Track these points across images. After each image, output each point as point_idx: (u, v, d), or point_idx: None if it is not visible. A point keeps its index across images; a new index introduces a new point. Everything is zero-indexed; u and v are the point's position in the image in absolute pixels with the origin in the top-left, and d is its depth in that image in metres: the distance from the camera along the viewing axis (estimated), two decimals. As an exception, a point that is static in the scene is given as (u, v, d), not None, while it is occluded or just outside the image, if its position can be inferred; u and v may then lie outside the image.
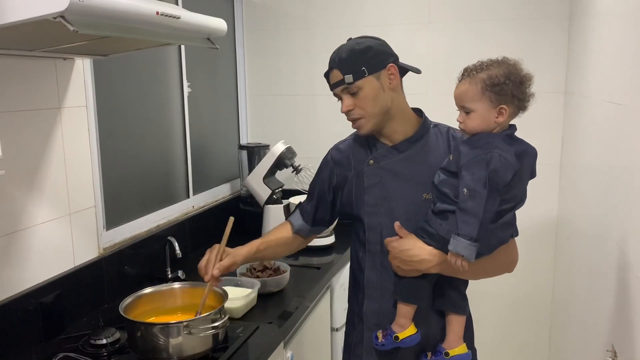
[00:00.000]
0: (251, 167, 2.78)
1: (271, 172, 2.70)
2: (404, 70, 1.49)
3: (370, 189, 1.51)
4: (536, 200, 2.77)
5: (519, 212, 2.57)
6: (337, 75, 1.44)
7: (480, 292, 2.90)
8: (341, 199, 1.60)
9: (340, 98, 1.48)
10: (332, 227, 2.38)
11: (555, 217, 2.78)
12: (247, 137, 3.17)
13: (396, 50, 1.55)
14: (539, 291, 2.86)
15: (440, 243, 1.35)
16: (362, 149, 1.56)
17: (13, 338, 1.58)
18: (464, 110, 1.33)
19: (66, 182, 1.79)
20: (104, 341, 1.63)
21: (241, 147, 2.88)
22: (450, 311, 1.46)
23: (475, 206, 1.24)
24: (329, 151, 1.65)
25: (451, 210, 1.32)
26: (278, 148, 2.68)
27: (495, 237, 1.35)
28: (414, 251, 1.39)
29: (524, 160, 1.30)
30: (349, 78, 1.41)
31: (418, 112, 1.54)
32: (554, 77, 2.69)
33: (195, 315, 1.53)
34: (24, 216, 1.64)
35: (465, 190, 1.26)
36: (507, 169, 1.25)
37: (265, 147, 2.84)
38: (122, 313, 1.52)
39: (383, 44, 1.47)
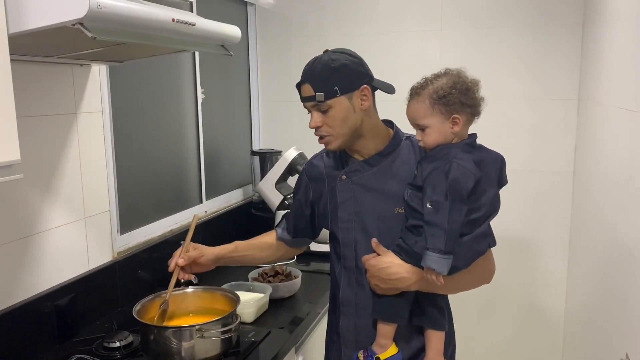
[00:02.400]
0: (263, 173, 2.80)
1: (283, 177, 2.71)
2: (375, 89, 1.46)
3: (343, 204, 1.49)
4: (549, 209, 2.78)
5: (531, 219, 2.56)
6: (308, 89, 1.40)
7: (493, 301, 2.89)
8: (318, 213, 1.59)
9: (310, 112, 1.46)
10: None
11: (568, 224, 2.77)
12: (260, 143, 3.19)
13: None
14: (552, 299, 2.84)
15: (417, 260, 1.32)
16: (335, 164, 1.55)
17: (28, 340, 1.60)
18: (419, 128, 1.35)
19: (81, 186, 1.82)
20: (118, 344, 1.65)
21: (254, 153, 2.90)
22: (429, 327, 1.42)
23: (440, 218, 1.24)
24: (304, 166, 1.66)
25: (422, 225, 1.31)
26: (290, 154, 2.69)
27: (471, 251, 1.34)
28: (392, 269, 1.35)
29: (487, 167, 1.31)
30: (320, 96, 1.38)
31: (389, 123, 1.53)
32: (567, 84, 2.68)
33: (161, 306, 1.58)
34: (40, 220, 1.66)
35: (429, 203, 1.26)
36: (467, 177, 1.25)
37: (278, 153, 2.85)
38: (135, 316, 1.53)
39: (359, 63, 1.43)
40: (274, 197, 2.69)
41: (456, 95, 1.29)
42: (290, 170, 2.71)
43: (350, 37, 2.92)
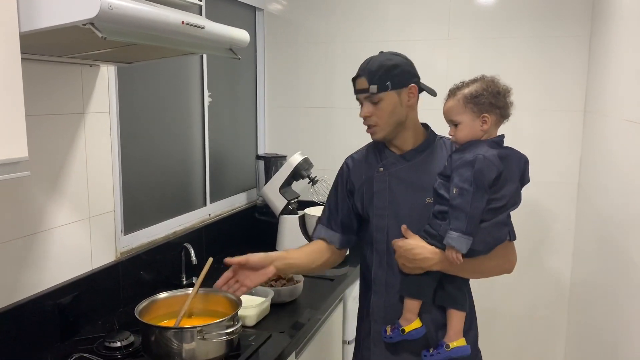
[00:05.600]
0: (268, 177, 2.80)
1: (287, 182, 2.72)
2: (421, 89, 1.62)
3: (379, 193, 1.64)
4: (554, 219, 2.77)
5: (535, 231, 2.58)
6: (363, 83, 1.56)
7: (496, 310, 2.88)
8: (354, 202, 1.72)
9: (361, 103, 1.61)
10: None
11: (572, 236, 2.76)
12: (265, 147, 3.20)
13: (416, 65, 1.61)
14: (555, 311, 2.83)
15: (440, 242, 1.47)
16: (374, 157, 1.69)
17: (30, 338, 1.61)
18: (452, 123, 1.50)
19: (87, 186, 1.83)
20: (119, 344, 1.65)
21: (259, 157, 2.91)
22: (451, 307, 1.55)
23: (464, 202, 1.39)
24: (344, 160, 1.78)
25: (447, 210, 1.45)
26: (295, 159, 2.70)
27: (490, 236, 1.46)
28: (417, 250, 1.50)
29: (510, 163, 1.44)
30: (373, 88, 1.54)
31: (425, 126, 1.69)
32: (573, 96, 2.68)
33: (175, 324, 1.57)
34: (45, 218, 1.67)
35: (454, 189, 1.41)
36: (490, 168, 1.39)
37: (283, 158, 2.86)
38: (137, 316, 1.53)
39: (410, 65, 1.60)
40: (278, 202, 2.70)
41: (487, 97, 1.45)
42: (294, 175, 2.71)
43: (358, 44, 2.94)
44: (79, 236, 1.81)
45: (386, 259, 1.63)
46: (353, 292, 2.42)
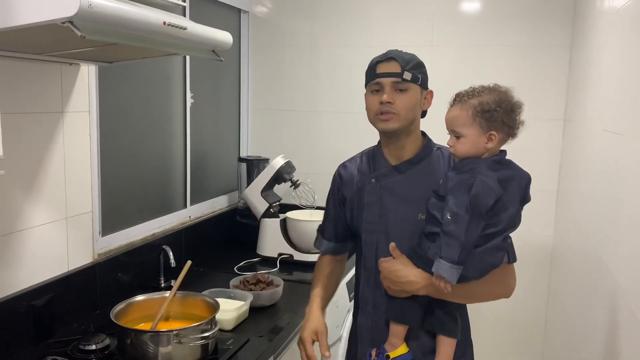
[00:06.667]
0: (250, 180, 2.79)
1: (269, 185, 2.71)
2: None
3: (369, 206, 1.54)
4: (532, 227, 2.79)
5: (514, 237, 2.58)
6: (395, 66, 1.46)
7: (473, 316, 2.89)
8: (346, 213, 1.63)
9: (378, 90, 1.48)
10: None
11: (550, 244, 2.79)
12: (247, 149, 3.18)
13: None
14: (533, 317, 2.85)
15: (427, 265, 1.35)
16: (367, 167, 1.59)
17: (2, 340, 1.58)
18: (455, 134, 1.35)
19: (65, 186, 1.80)
20: (94, 347, 1.62)
21: (241, 160, 2.90)
22: (439, 333, 1.44)
23: (457, 230, 1.26)
24: (337, 168, 1.68)
25: (439, 232, 1.32)
26: (277, 162, 2.69)
27: (482, 262, 1.33)
28: (402, 272, 1.40)
29: (510, 185, 1.31)
30: (407, 75, 1.45)
31: (422, 134, 1.60)
32: (554, 105, 2.71)
33: (152, 327, 1.56)
34: (21, 218, 1.64)
35: (448, 214, 1.28)
36: (488, 194, 1.26)
37: (265, 161, 2.85)
38: (112, 319, 1.52)
39: None
40: (260, 205, 2.68)
41: (500, 114, 1.30)
42: (277, 178, 2.70)
43: (342, 48, 2.94)
44: (56, 237, 1.78)
45: (374, 277, 1.52)
46: (333, 297, 2.41)
